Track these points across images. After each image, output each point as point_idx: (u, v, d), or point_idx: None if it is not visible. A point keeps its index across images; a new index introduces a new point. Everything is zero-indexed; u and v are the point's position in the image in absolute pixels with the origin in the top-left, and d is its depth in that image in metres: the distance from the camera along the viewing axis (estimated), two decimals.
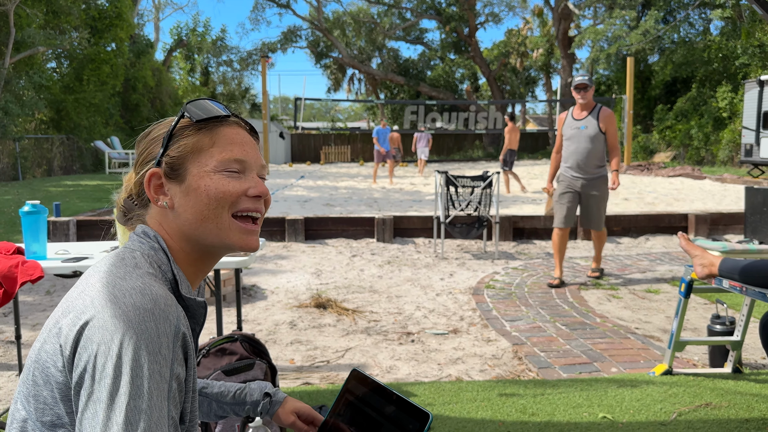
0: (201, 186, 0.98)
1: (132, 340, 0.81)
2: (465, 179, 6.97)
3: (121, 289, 0.86)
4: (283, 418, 1.24)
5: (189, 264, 1.02)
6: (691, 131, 23.81)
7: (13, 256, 2.49)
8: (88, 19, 22.44)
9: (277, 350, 3.88)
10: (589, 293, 5.32)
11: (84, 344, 0.82)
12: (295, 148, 32.27)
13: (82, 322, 0.83)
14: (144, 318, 0.83)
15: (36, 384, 0.86)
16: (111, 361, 0.80)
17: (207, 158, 0.99)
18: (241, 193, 1.00)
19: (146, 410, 0.79)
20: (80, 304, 0.86)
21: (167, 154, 1.00)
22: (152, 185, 1.00)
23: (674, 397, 3.00)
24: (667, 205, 10.60)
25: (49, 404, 0.85)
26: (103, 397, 0.79)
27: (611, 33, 26.02)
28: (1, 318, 4.63)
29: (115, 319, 0.82)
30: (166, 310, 0.86)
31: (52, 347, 0.85)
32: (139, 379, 0.80)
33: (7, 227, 8.25)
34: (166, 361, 0.83)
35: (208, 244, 1.00)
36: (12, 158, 18.46)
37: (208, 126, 1.01)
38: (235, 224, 1.00)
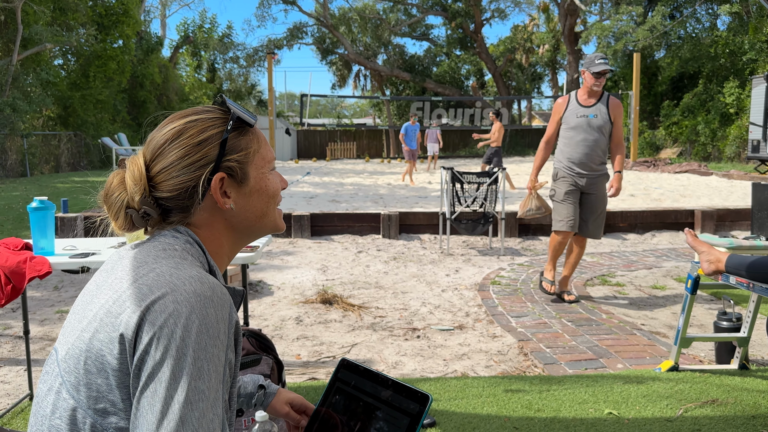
0: (262, 187, 1.07)
1: (195, 324, 0.84)
2: (470, 175, 6.97)
3: (179, 277, 0.89)
4: (278, 408, 1.27)
5: (219, 257, 1.06)
6: (698, 127, 23.70)
7: (21, 252, 2.51)
8: (94, 15, 22.50)
9: (283, 346, 3.89)
10: (595, 289, 5.31)
11: (146, 328, 0.84)
12: (301, 144, 32.30)
13: (142, 307, 0.86)
14: (205, 304, 0.86)
15: (89, 372, 0.87)
16: (174, 343, 0.83)
17: (260, 160, 1.07)
18: (280, 188, 1.12)
19: (205, 391, 0.83)
20: (136, 291, 0.88)
21: (228, 158, 1.02)
22: (220, 190, 1.03)
23: (680, 394, 3.00)
24: (674, 201, 10.56)
25: (103, 392, 0.86)
26: (165, 377, 0.82)
27: (618, 29, 25.89)
28: (10, 313, 4.66)
29: (177, 305, 0.85)
30: (223, 298, 0.90)
31: (108, 335, 0.86)
32: (200, 361, 0.83)
33: (15, 223, 8.29)
34: (223, 345, 0.87)
35: (256, 234, 1.10)
36: (20, 155, 18.55)
37: (247, 130, 1.07)
38: (279, 211, 1.12)
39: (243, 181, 1.04)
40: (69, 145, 21.31)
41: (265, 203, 1.07)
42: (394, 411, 1.03)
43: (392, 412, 1.03)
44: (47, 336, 4.13)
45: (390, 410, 1.03)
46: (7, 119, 16.99)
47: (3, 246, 2.53)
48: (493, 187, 6.91)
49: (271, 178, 1.08)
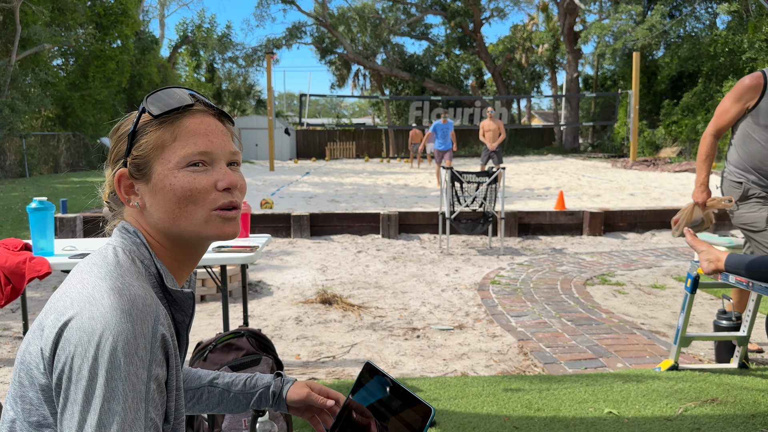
0: (167, 185, 0.95)
1: (108, 342, 0.80)
2: (470, 175, 6.97)
3: (99, 289, 0.85)
4: (298, 391, 1.21)
5: (171, 258, 1.00)
6: (698, 126, 23.70)
7: (21, 253, 2.51)
8: (93, 15, 22.48)
9: (283, 346, 3.89)
10: (594, 289, 5.31)
11: (62, 346, 0.82)
12: (300, 144, 32.30)
13: (61, 323, 0.83)
14: (121, 319, 0.82)
15: (22, 385, 0.86)
16: (87, 363, 0.80)
17: (170, 154, 0.95)
18: (210, 188, 0.96)
19: (120, 412, 0.79)
20: (61, 305, 0.86)
21: (131, 152, 0.97)
22: (122, 186, 0.99)
23: (680, 393, 3.00)
24: (673, 200, 10.57)
25: (35, 405, 0.85)
26: (79, 399, 0.79)
27: (617, 28, 25.89)
28: (9, 314, 4.66)
29: (92, 321, 0.81)
30: (144, 310, 0.85)
31: (35, 349, 0.85)
32: (114, 381, 0.80)
33: (14, 224, 8.29)
34: (143, 362, 0.82)
35: (185, 239, 0.98)
36: (19, 155, 18.54)
37: (169, 119, 0.96)
38: (213, 216, 0.97)
39: (144, 177, 0.96)
40: (68, 145, 21.31)
41: (173, 203, 0.94)
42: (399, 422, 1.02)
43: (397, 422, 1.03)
44: None
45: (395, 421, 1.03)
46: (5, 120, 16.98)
47: (2, 246, 2.53)
48: (493, 187, 6.91)
49: (180, 176, 0.94)
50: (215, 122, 1.00)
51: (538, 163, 23.36)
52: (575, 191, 12.19)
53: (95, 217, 7.60)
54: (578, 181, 14.81)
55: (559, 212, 8.05)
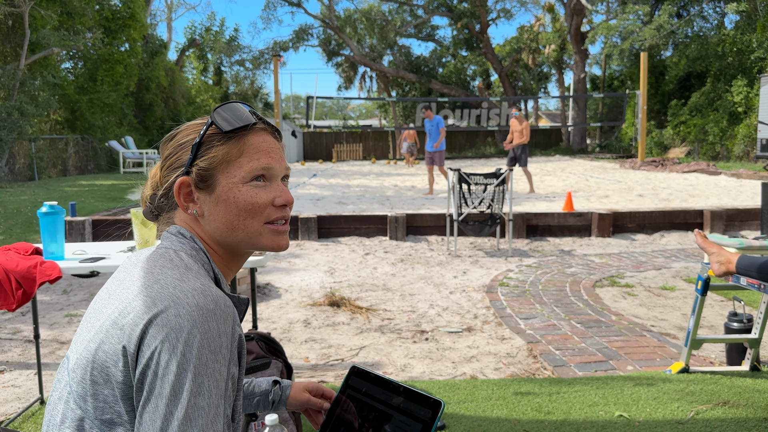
0: (230, 198, 1.00)
1: (196, 339, 0.84)
2: (478, 176, 6.95)
3: (182, 289, 0.88)
4: (297, 397, 1.25)
5: (222, 264, 1.05)
6: (706, 126, 23.57)
7: (32, 257, 2.52)
8: (101, 19, 22.59)
9: (291, 348, 3.89)
10: (604, 291, 5.29)
11: (148, 342, 0.84)
12: (307, 146, 32.34)
13: (145, 320, 0.86)
14: (207, 318, 0.86)
15: (95, 383, 0.88)
16: (175, 359, 0.83)
17: (236, 169, 1.01)
18: (269, 204, 1.02)
19: (205, 407, 0.83)
20: (140, 304, 0.88)
21: (196, 163, 1.01)
22: (182, 193, 1.02)
23: (691, 396, 2.98)
24: (682, 201, 10.51)
25: (109, 402, 0.87)
26: (165, 393, 0.82)
27: (624, 28, 25.79)
28: (20, 317, 4.68)
29: (179, 318, 0.85)
30: (226, 311, 0.89)
31: (112, 347, 0.87)
32: (200, 377, 0.83)
33: (24, 227, 8.33)
34: (225, 360, 0.86)
35: (239, 248, 1.04)
36: (28, 158, 18.65)
37: (236, 135, 1.02)
38: (266, 229, 1.03)
39: (209, 188, 1.01)
40: (76, 148, 21.42)
41: (234, 215, 1.00)
42: (406, 417, 1.02)
43: (404, 418, 1.02)
44: (57, 339, 4.14)
45: (402, 417, 1.03)
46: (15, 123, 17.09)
47: (14, 251, 2.54)
48: (501, 188, 6.89)
49: (244, 190, 1.00)
50: (273, 140, 1.06)
51: (545, 164, 23.29)
52: (583, 192, 12.14)
53: (104, 220, 7.63)
54: (586, 182, 14.76)
55: (567, 214, 8.02)
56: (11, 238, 7.53)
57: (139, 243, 2.57)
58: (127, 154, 21.34)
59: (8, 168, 17.56)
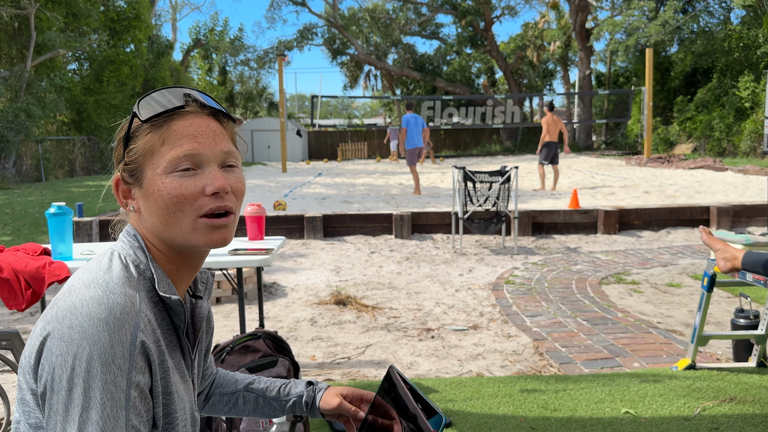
0: (155, 191, 0.93)
1: (85, 352, 0.81)
2: (483, 174, 6.95)
3: (81, 298, 0.85)
4: (329, 400, 1.20)
5: (169, 262, 0.98)
6: (713, 122, 23.46)
7: (40, 257, 2.54)
8: (106, 20, 22.69)
9: (298, 347, 3.91)
10: (610, 288, 5.28)
11: (45, 356, 0.84)
12: (312, 145, 32.36)
13: (45, 333, 0.85)
14: (97, 328, 0.82)
15: (21, 388, 0.89)
16: (66, 373, 0.81)
17: (158, 159, 0.93)
18: (199, 194, 0.92)
19: (98, 421, 0.80)
20: (50, 313, 0.87)
21: (124, 158, 0.96)
22: (120, 190, 0.99)
23: (698, 392, 2.98)
24: (689, 197, 10.47)
25: (31, 407, 0.87)
26: (60, 409, 0.81)
27: (629, 24, 25.68)
28: (28, 317, 4.72)
29: (71, 330, 0.83)
30: (122, 318, 0.84)
31: (28, 354, 0.88)
32: (91, 390, 0.80)
33: (31, 228, 8.38)
34: (121, 370, 0.83)
35: (178, 246, 0.96)
36: (35, 160, 18.74)
37: (158, 122, 0.93)
38: (200, 223, 0.93)
39: (137, 182, 0.95)
40: (83, 149, 21.52)
41: (163, 209, 0.92)
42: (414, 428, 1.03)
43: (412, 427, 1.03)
44: None
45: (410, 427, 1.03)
46: (22, 125, 17.18)
47: (22, 251, 2.56)
48: (506, 186, 6.89)
49: (167, 182, 0.92)
50: (207, 122, 0.95)
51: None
52: (589, 189, 12.12)
53: (111, 220, 7.67)
54: (592, 179, 14.73)
55: (573, 211, 8.01)
56: (19, 238, 7.58)
57: None
58: None
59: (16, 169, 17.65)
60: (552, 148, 11.90)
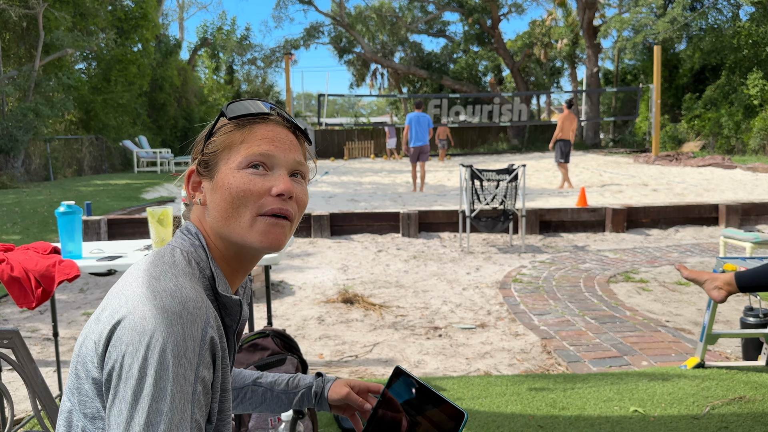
0: (225, 183, 0.96)
1: (158, 343, 0.82)
2: (490, 172, 6.94)
3: (153, 290, 0.87)
4: (338, 390, 1.23)
5: (225, 262, 1.00)
6: (721, 120, 23.33)
7: (50, 256, 2.55)
8: (114, 20, 22.75)
9: (306, 345, 3.92)
10: (618, 286, 5.27)
11: (114, 343, 0.84)
12: (318, 144, 32.40)
13: (114, 321, 0.85)
14: (172, 321, 0.83)
15: (78, 377, 0.89)
16: (137, 363, 0.81)
17: (234, 155, 0.97)
18: (265, 192, 0.96)
19: (167, 412, 0.81)
20: (116, 303, 0.88)
21: (204, 150, 1.01)
22: (191, 183, 1.02)
23: (707, 391, 2.97)
24: (697, 195, 10.42)
25: (90, 397, 0.87)
26: (128, 397, 0.81)
27: (637, 21, 25.56)
28: (37, 315, 4.75)
29: (144, 321, 0.83)
30: (195, 313, 0.86)
31: (91, 343, 0.88)
32: (162, 381, 0.81)
33: (40, 227, 8.43)
34: (191, 364, 0.84)
35: (234, 243, 0.98)
36: (43, 159, 18.84)
37: (243, 123, 0.99)
38: (259, 220, 0.96)
39: (208, 174, 0.99)
40: (91, 148, 21.60)
41: (228, 203, 0.95)
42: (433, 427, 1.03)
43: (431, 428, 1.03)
44: (75, 337, 4.20)
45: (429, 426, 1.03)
46: (30, 124, 17.27)
47: (32, 250, 2.58)
48: (513, 184, 6.88)
49: (239, 175, 0.95)
50: (286, 132, 1.01)
51: None
52: (597, 187, 12.08)
53: (119, 219, 7.71)
54: (600, 176, 14.67)
55: (581, 209, 7.99)
56: (29, 237, 7.62)
57: (155, 241, 2.60)
58: (141, 154, 21.50)
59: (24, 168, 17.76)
60: (567, 146, 11.94)
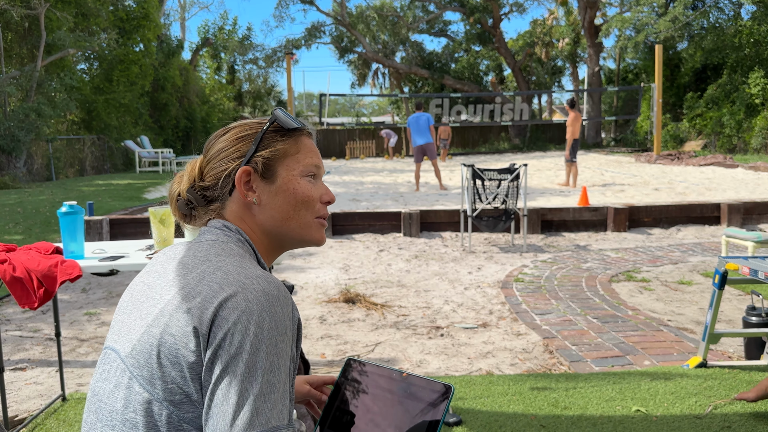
0: (290, 188, 1.09)
1: (266, 322, 0.90)
2: (491, 172, 6.94)
3: (247, 276, 0.94)
4: (299, 389, 1.30)
5: (265, 255, 1.12)
6: (723, 119, 23.30)
7: (53, 256, 2.56)
8: (116, 20, 22.77)
9: (308, 345, 3.92)
10: (620, 285, 5.26)
11: (219, 323, 0.89)
12: (320, 143, 32.39)
13: (216, 303, 0.91)
14: (273, 302, 0.92)
15: (162, 366, 0.92)
16: (248, 339, 0.88)
17: (294, 163, 1.10)
18: (317, 198, 1.13)
19: (276, 384, 0.89)
20: (207, 289, 0.93)
21: (259, 154, 1.09)
22: (244, 182, 1.09)
23: (709, 390, 2.97)
24: (699, 194, 10.41)
25: (177, 383, 0.91)
26: (240, 371, 0.87)
27: (638, 20, 25.53)
28: (40, 315, 4.75)
29: (248, 302, 0.90)
30: (285, 295, 0.95)
31: (181, 330, 0.91)
32: (272, 356, 0.89)
33: (42, 227, 8.44)
34: (290, 341, 0.93)
35: (287, 240, 1.12)
36: (45, 159, 18.87)
37: (293, 134, 1.12)
38: (315, 222, 1.13)
39: (269, 178, 1.09)
40: (93, 148, 21.62)
41: (291, 206, 1.09)
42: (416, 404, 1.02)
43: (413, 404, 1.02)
44: (77, 337, 4.20)
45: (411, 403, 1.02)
46: (32, 124, 17.29)
47: (35, 250, 2.58)
48: (515, 184, 6.88)
49: (303, 183, 1.10)
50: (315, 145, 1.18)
51: (560, 158, 23.15)
52: (599, 187, 12.07)
53: (121, 219, 7.71)
54: (602, 176, 14.66)
55: (582, 208, 7.99)
56: (31, 237, 7.63)
57: (157, 241, 2.60)
58: (143, 154, 21.51)
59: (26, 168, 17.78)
60: (576, 145, 12.06)
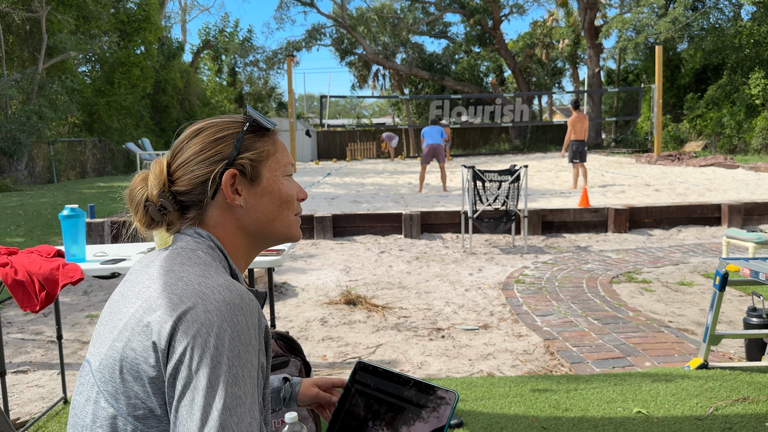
0: (275, 190, 1.08)
1: (227, 333, 0.87)
2: (492, 173, 6.94)
3: (207, 286, 0.91)
4: (307, 392, 1.29)
5: (238, 258, 1.09)
6: (723, 119, 23.29)
7: (54, 259, 2.56)
8: (117, 23, 22.81)
9: (309, 347, 3.92)
10: (621, 287, 5.26)
11: (179, 338, 0.86)
12: (321, 145, 32.40)
13: (175, 317, 0.88)
14: (235, 312, 0.89)
15: (125, 381, 0.89)
16: (208, 353, 0.85)
17: (275, 163, 1.09)
18: (296, 196, 1.12)
19: (242, 397, 0.86)
20: (166, 302, 0.90)
21: (244, 156, 1.05)
22: (232, 187, 1.05)
23: (710, 392, 2.97)
24: (699, 195, 10.40)
25: (141, 399, 0.89)
26: (202, 386, 0.84)
27: (639, 21, 25.52)
28: (41, 318, 4.76)
29: (208, 314, 0.87)
30: (251, 304, 0.92)
31: (141, 344, 0.89)
32: (235, 368, 0.86)
33: (44, 229, 8.45)
34: (255, 351, 0.90)
35: (269, 239, 1.11)
36: (47, 161, 18.89)
37: (263, 134, 1.09)
38: (295, 220, 1.13)
39: (255, 180, 1.06)
40: (94, 151, 21.65)
41: (276, 206, 1.08)
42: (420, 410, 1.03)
43: (418, 410, 1.03)
44: (78, 340, 4.21)
45: (416, 409, 1.03)
46: (33, 127, 17.31)
47: (36, 253, 2.59)
48: (515, 185, 6.88)
49: (285, 183, 1.10)
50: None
51: (560, 159, 23.14)
52: (599, 188, 12.07)
53: (123, 221, 7.72)
54: (602, 177, 14.66)
55: (583, 209, 7.99)
56: (32, 240, 7.64)
57: (158, 244, 2.61)
58: (144, 156, 21.53)
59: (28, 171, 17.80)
60: (580, 146, 11.94)
